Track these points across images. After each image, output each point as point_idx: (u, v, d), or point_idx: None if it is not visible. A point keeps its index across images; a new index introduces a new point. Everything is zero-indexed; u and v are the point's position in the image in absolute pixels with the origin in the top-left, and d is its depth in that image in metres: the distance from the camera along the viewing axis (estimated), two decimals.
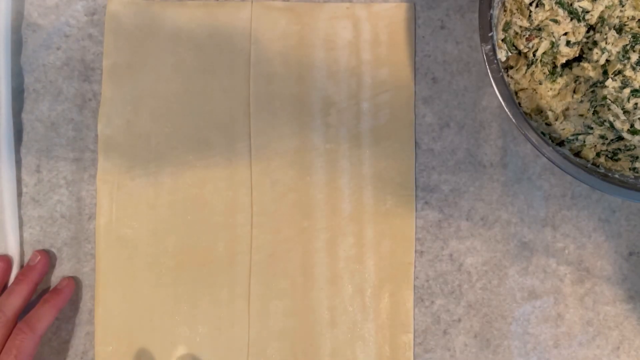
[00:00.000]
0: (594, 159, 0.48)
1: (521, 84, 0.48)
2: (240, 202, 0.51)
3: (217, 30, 0.52)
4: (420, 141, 0.52)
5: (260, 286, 0.51)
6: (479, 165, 0.52)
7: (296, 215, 0.51)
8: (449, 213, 0.52)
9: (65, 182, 0.52)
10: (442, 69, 0.52)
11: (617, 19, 0.47)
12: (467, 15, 0.52)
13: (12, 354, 0.46)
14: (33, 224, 0.52)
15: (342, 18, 0.52)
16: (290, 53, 0.52)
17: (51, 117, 0.52)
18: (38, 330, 0.47)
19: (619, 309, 0.52)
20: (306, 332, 0.51)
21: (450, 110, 0.52)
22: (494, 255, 0.52)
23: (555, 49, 0.48)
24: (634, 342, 0.52)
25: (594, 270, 0.52)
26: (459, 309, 0.51)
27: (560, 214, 0.52)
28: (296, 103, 0.52)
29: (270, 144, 0.52)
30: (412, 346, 0.51)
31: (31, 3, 0.52)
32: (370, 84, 0.52)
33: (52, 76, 0.52)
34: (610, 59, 0.47)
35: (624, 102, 0.47)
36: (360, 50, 0.52)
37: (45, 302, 0.49)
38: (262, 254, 0.51)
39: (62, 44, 0.52)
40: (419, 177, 0.52)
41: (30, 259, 0.50)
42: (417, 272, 0.52)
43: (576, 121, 0.48)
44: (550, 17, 0.47)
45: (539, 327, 0.51)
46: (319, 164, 0.52)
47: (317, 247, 0.51)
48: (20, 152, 0.52)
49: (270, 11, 0.52)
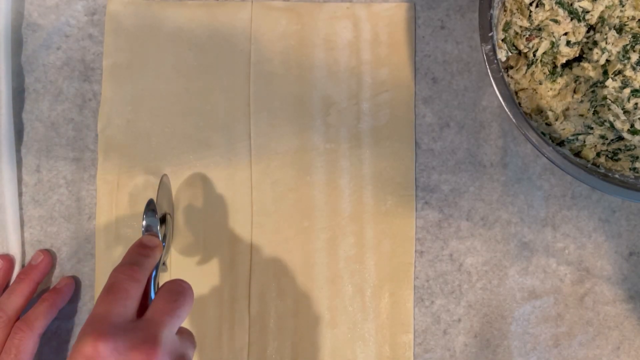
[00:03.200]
0: (594, 159, 0.48)
1: (521, 84, 0.48)
2: (240, 202, 0.51)
3: (217, 30, 0.52)
4: (420, 141, 0.52)
5: (260, 286, 0.51)
6: (479, 165, 0.52)
7: (296, 215, 0.51)
8: (449, 213, 0.52)
9: (65, 182, 0.52)
10: (442, 69, 0.52)
11: (617, 19, 0.47)
12: (467, 15, 0.52)
13: (12, 354, 0.46)
14: (33, 223, 0.52)
15: (342, 18, 0.52)
16: (290, 53, 0.52)
17: (51, 117, 0.52)
18: (36, 328, 0.47)
19: (619, 309, 0.52)
20: (306, 332, 0.51)
21: (450, 110, 0.52)
22: (494, 255, 0.52)
23: (555, 49, 0.48)
24: (634, 342, 0.52)
25: (594, 270, 0.52)
26: (459, 309, 0.51)
27: (560, 214, 0.52)
28: (296, 103, 0.52)
29: (270, 144, 0.52)
30: (412, 346, 0.51)
31: (31, 3, 0.52)
32: (370, 84, 0.52)
33: (52, 76, 0.52)
34: (611, 59, 0.47)
35: (624, 102, 0.47)
36: (360, 50, 0.52)
37: (44, 301, 0.49)
38: (263, 254, 0.51)
39: (62, 44, 0.52)
40: (419, 177, 0.52)
41: (33, 258, 0.50)
42: (417, 272, 0.52)
43: (576, 121, 0.48)
44: (550, 17, 0.47)
45: (539, 327, 0.51)
46: (319, 164, 0.52)
47: (317, 247, 0.51)
48: (21, 152, 0.52)
49: (270, 11, 0.52)
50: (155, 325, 0.36)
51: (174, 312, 0.37)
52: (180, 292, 0.39)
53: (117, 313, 0.36)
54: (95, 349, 0.33)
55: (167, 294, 0.38)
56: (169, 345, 0.36)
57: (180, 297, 0.38)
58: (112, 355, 0.33)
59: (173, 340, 0.37)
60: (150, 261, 0.41)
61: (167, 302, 0.37)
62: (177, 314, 0.37)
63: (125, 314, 0.36)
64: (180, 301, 0.38)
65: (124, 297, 0.37)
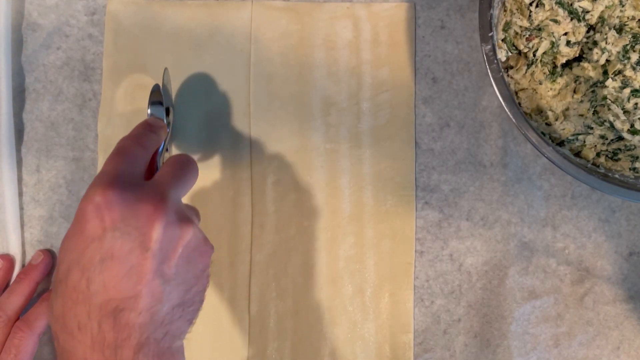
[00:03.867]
0: (594, 159, 0.48)
1: (521, 84, 0.48)
2: (240, 201, 0.51)
3: (217, 30, 0.52)
4: (420, 141, 0.52)
5: (260, 286, 0.51)
6: (479, 165, 0.52)
7: (296, 215, 0.51)
8: (449, 213, 0.52)
9: (65, 182, 0.52)
10: (442, 69, 0.52)
11: (617, 19, 0.47)
12: (467, 15, 0.52)
13: (12, 353, 0.46)
14: (33, 223, 0.52)
15: (342, 18, 0.52)
16: (290, 53, 0.52)
17: (51, 117, 0.52)
18: (36, 328, 0.47)
19: (619, 309, 0.52)
20: (306, 332, 0.51)
21: (450, 110, 0.52)
22: (494, 255, 0.52)
23: (555, 49, 0.48)
24: (634, 342, 0.52)
25: (594, 270, 0.52)
26: (459, 309, 0.51)
27: (560, 214, 0.52)
28: (296, 103, 0.52)
29: (270, 144, 0.52)
30: (412, 346, 0.51)
31: (31, 3, 0.52)
32: (370, 84, 0.52)
33: (52, 76, 0.52)
34: (610, 59, 0.47)
35: (624, 102, 0.47)
36: (360, 50, 0.52)
37: (44, 301, 0.49)
38: (263, 254, 0.51)
39: (62, 43, 0.52)
40: (419, 177, 0.52)
41: (33, 258, 0.50)
42: (417, 272, 0.52)
43: (576, 121, 0.48)
44: (550, 17, 0.47)
45: (539, 327, 0.51)
46: (319, 164, 0.52)
47: (317, 247, 0.51)
48: (21, 152, 0.52)
49: (270, 11, 0.52)
50: (162, 185, 0.36)
51: (180, 178, 0.37)
52: (186, 163, 0.39)
53: (125, 171, 0.36)
54: (105, 197, 0.33)
55: (174, 163, 0.39)
56: (175, 205, 0.36)
57: (185, 166, 0.39)
58: (121, 204, 0.33)
59: (179, 202, 0.37)
60: (156, 137, 0.42)
61: (174, 169, 0.38)
62: (183, 180, 0.38)
63: (133, 173, 0.37)
64: (186, 170, 0.38)
65: (132, 160, 0.37)
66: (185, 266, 0.35)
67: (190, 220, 0.36)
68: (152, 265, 0.33)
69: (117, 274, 0.33)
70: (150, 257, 0.33)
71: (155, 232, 0.34)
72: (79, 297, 0.33)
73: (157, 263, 0.34)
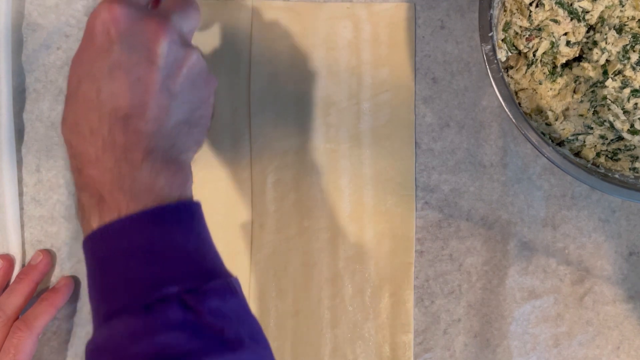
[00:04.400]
0: (594, 159, 0.48)
1: (521, 84, 0.49)
2: (240, 202, 0.51)
3: (217, 30, 0.52)
4: (420, 141, 0.52)
5: (260, 286, 0.51)
6: (479, 165, 0.52)
7: (296, 215, 0.51)
8: (449, 213, 0.52)
9: (65, 182, 0.52)
10: (442, 69, 0.52)
11: (617, 19, 0.47)
12: (467, 15, 0.52)
13: (11, 353, 0.46)
14: (33, 223, 0.51)
15: (342, 18, 0.52)
16: (290, 53, 0.52)
17: (51, 117, 0.52)
18: (35, 328, 0.47)
19: (619, 309, 0.52)
20: (306, 332, 0.51)
21: (450, 110, 0.52)
22: (494, 255, 0.52)
23: (555, 49, 0.48)
24: (634, 342, 0.52)
25: (594, 270, 0.52)
26: (459, 309, 0.51)
27: (560, 214, 0.52)
28: (296, 103, 0.52)
29: (270, 144, 0.52)
30: (412, 346, 0.51)
31: (31, 3, 0.52)
32: (370, 84, 0.52)
33: (52, 76, 0.52)
34: (610, 59, 0.47)
35: (624, 102, 0.47)
36: (360, 50, 0.52)
37: (43, 300, 0.49)
38: (262, 254, 0.51)
39: (62, 43, 0.52)
40: (419, 177, 0.52)
41: (33, 258, 0.50)
42: (417, 272, 0.52)
43: (576, 121, 0.48)
44: (550, 17, 0.47)
45: (539, 327, 0.51)
46: (319, 164, 0.52)
47: (317, 247, 0.51)
48: (21, 152, 0.52)
49: (271, 11, 0.52)
50: (166, 11, 0.37)
51: (183, 9, 0.38)
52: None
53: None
54: (111, 13, 0.35)
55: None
56: (179, 31, 0.37)
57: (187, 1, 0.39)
58: (127, 20, 0.35)
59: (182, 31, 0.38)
60: None
61: (176, 2, 0.38)
62: (186, 12, 0.38)
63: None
64: (188, 5, 0.39)
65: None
66: (190, 87, 0.37)
67: (194, 46, 0.38)
68: (158, 77, 0.35)
69: (124, 83, 0.34)
70: (155, 70, 0.35)
71: (160, 48, 0.35)
72: (90, 105, 0.35)
73: (162, 77, 0.35)
